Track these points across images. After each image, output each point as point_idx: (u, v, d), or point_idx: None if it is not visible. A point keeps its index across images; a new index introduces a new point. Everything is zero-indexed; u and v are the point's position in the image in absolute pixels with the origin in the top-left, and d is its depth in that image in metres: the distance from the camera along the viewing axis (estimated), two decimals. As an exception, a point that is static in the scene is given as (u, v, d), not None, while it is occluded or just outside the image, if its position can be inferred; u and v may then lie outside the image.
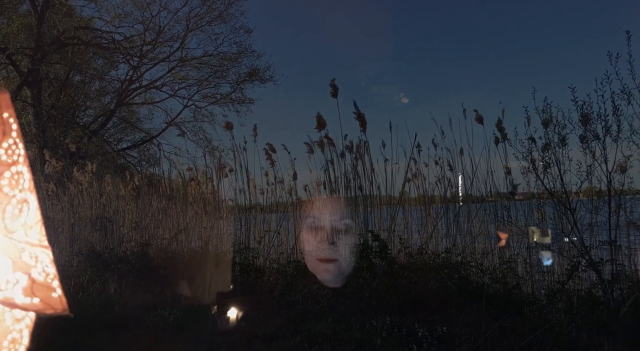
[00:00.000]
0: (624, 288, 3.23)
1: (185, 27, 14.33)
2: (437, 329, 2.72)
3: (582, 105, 3.71)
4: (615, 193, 3.75)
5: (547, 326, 2.68)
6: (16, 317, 0.63)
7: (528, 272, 4.58)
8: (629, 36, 3.34)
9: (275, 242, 6.05)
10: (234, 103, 15.57)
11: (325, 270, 1.34)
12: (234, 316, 3.12)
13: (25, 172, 0.62)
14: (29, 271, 0.60)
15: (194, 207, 7.03)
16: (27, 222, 0.62)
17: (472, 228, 5.44)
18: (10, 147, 0.61)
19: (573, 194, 4.13)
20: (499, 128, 4.82)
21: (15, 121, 0.62)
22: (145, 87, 15.48)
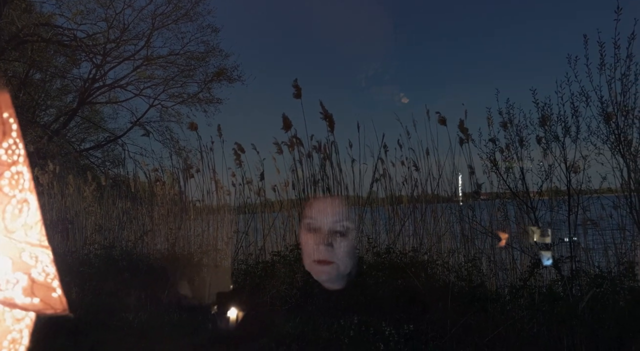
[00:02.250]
0: (582, 285, 3.35)
1: (151, 25, 14.07)
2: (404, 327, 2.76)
3: (543, 107, 3.83)
4: (574, 193, 3.88)
5: (509, 322, 2.75)
6: (16, 317, 0.63)
7: (492, 270, 4.69)
8: (586, 40, 3.46)
9: (243, 243, 6.01)
10: (202, 103, 15.38)
11: (322, 271, 1.36)
12: (234, 316, 3.11)
13: (25, 172, 0.62)
14: (29, 271, 0.60)
15: (160, 208, 6.92)
16: (27, 222, 0.62)
17: (439, 227, 5.53)
18: (10, 147, 0.61)
19: (534, 193, 4.26)
20: (462, 129, 4.92)
21: (15, 121, 0.61)
22: (109, 85, 15.11)
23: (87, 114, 16.25)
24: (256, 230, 6.25)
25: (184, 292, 4.37)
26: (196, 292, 4.45)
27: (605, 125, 3.49)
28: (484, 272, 4.57)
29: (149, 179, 7.33)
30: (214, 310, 3.66)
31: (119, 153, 16.18)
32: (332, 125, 5.17)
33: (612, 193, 4.09)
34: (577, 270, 3.55)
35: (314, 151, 5.67)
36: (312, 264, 1.51)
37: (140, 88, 15.25)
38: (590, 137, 3.65)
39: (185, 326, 3.90)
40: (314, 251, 1.49)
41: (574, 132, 3.72)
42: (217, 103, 15.44)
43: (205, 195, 6.46)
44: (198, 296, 4.33)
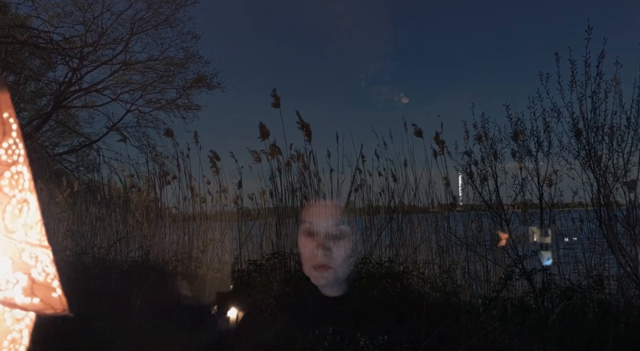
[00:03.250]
0: (553, 297, 3.42)
1: (130, 30, 13.95)
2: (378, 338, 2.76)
3: (516, 122, 3.92)
4: (546, 206, 3.97)
5: (482, 333, 2.78)
6: (16, 317, 0.62)
7: (466, 281, 4.74)
8: (558, 58, 3.56)
9: (219, 251, 5.96)
10: (180, 109, 15.26)
11: (319, 277, 1.36)
12: (234, 317, 3.09)
13: (25, 172, 0.62)
14: (29, 271, 0.60)
15: (135, 214, 6.81)
16: (27, 222, 0.61)
17: (415, 238, 5.58)
18: (10, 147, 0.60)
19: (508, 206, 4.33)
20: (437, 141, 4.99)
21: (15, 121, 0.62)
22: (86, 89, 14.89)
23: (61, 118, 15.96)
24: (232, 239, 6.21)
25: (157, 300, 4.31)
26: (170, 301, 4.39)
27: (576, 140, 3.59)
28: (458, 283, 4.62)
29: (124, 185, 7.22)
30: (213, 310, 3.66)
31: (93, 158, 15.92)
32: (309, 134, 5.19)
33: (583, 207, 4.18)
34: (549, 283, 3.62)
35: (292, 160, 5.68)
36: (309, 269, 1.51)
37: (118, 93, 15.08)
38: (562, 152, 3.75)
39: (157, 335, 3.84)
40: (311, 256, 1.49)
41: (546, 147, 3.81)
42: (195, 110, 15.36)
43: (181, 202, 6.39)
44: (172, 305, 4.27)
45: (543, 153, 3.88)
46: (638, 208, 3.53)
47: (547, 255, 3.34)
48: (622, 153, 3.46)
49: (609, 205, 3.52)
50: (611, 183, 3.48)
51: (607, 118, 3.49)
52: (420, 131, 5.39)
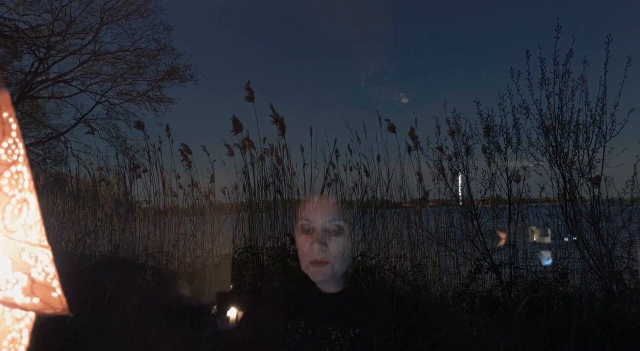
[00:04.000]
0: (520, 290, 3.50)
1: (100, 19, 13.59)
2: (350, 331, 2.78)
3: (487, 118, 3.99)
4: (514, 201, 4.05)
5: (452, 326, 2.83)
6: (16, 317, 0.62)
7: (437, 275, 4.82)
8: (528, 56, 3.64)
9: (191, 246, 5.90)
10: (152, 102, 14.97)
11: (317, 272, 1.37)
12: (234, 316, 3.07)
13: (25, 172, 0.62)
14: (29, 271, 0.60)
15: (105, 208, 6.68)
16: (27, 222, 0.62)
17: (387, 233, 5.63)
18: (10, 147, 0.61)
19: (478, 201, 4.41)
20: (412, 136, 5.04)
21: (15, 121, 0.62)
22: (53, 80, 14.46)
23: (28, 109, 15.47)
24: (205, 233, 6.15)
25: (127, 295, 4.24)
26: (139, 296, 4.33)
27: (544, 137, 3.67)
28: (429, 277, 4.69)
29: (93, 178, 7.07)
30: (213, 310, 3.65)
31: (61, 151, 15.50)
32: (283, 129, 5.17)
33: (550, 203, 4.29)
34: (516, 276, 3.71)
35: (266, 154, 5.65)
36: (307, 265, 1.50)
37: (87, 84, 14.69)
38: (531, 149, 3.83)
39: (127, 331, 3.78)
40: (309, 252, 1.48)
41: (516, 143, 3.89)
42: (168, 103, 15.09)
43: (152, 196, 6.30)
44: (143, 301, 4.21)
45: (512, 150, 3.97)
46: (603, 204, 3.65)
47: (547, 255, 3.41)
48: (587, 150, 3.56)
49: (575, 201, 3.62)
50: (577, 179, 3.58)
51: (573, 116, 3.59)
52: (393, 126, 5.43)
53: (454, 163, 4.45)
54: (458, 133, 4.29)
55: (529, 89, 3.69)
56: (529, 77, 3.66)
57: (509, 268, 3.77)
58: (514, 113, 3.85)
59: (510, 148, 3.95)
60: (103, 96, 14.77)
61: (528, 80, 3.66)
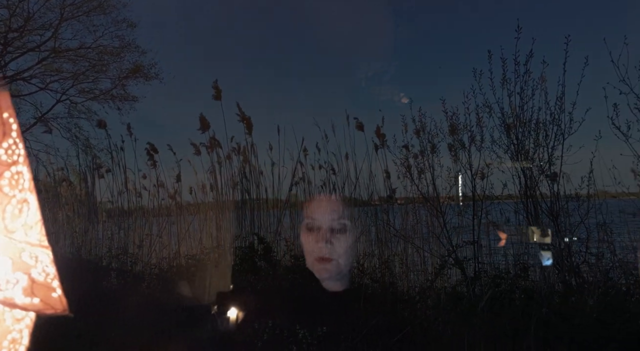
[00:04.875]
0: (484, 284, 3.58)
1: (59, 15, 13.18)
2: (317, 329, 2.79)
3: (452, 116, 4.06)
4: (478, 198, 4.14)
5: (417, 321, 2.87)
6: (16, 317, 0.63)
7: (404, 272, 4.87)
8: (490, 56, 3.72)
9: (157, 247, 5.79)
10: (115, 100, 14.63)
11: (322, 269, 1.38)
12: (234, 316, 3.03)
13: (25, 172, 0.63)
14: (29, 271, 0.60)
15: (66, 209, 6.49)
16: (27, 222, 0.62)
17: (355, 230, 5.65)
18: (10, 147, 0.61)
19: (443, 198, 4.49)
20: (378, 135, 5.08)
21: (15, 121, 0.62)
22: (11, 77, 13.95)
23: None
24: (171, 234, 6.05)
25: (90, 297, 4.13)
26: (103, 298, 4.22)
27: (506, 135, 3.76)
28: (396, 274, 4.74)
29: (54, 178, 6.86)
30: (214, 310, 3.59)
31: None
32: (250, 127, 5.14)
33: (512, 199, 4.40)
34: (480, 271, 3.79)
35: (233, 153, 5.60)
36: (312, 262, 1.50)
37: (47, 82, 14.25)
38: (493, 146, 3.92)
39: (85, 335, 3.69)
40: (313, 249, 1.48)
41: (479, 141, 3.97)
42: (132, 101, 14.77)
43: (116, 196, 6.15)
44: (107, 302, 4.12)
45: (476, 147, 4.05)
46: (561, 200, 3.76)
47: (547, 255, 3.47)
48: (547, 147, 3.67)
49: (535, 197, 3.73)
50: (537, 176, 3.69)
51: (533, 114, 3.69)
52: (361, 125, 5.46)
53: (420, 161, 4.51)
54: (423, 132, 4.36)
55: (491, 88, 3.78)
56: (490, 76, 3.75)
57: (473, 263, 3.85)
58: (477, 112, 3.94)
59: (474, 145, 4.03)
60: (64, 94, 14.35)
61: (490, 80, 3.74)
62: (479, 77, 3.75)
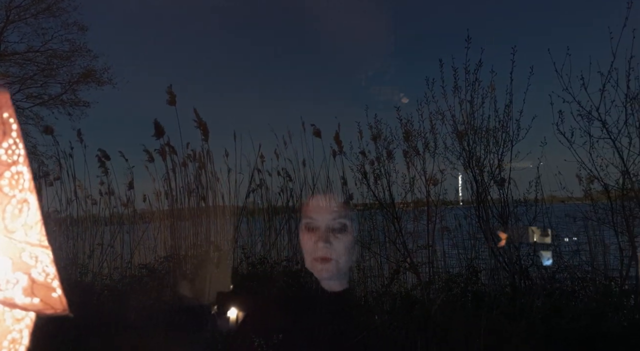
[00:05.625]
0: (438, 288, 3.65)
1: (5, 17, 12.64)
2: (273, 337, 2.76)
3: (406, 123, 4.14)
4: (432, 204, 4.23)
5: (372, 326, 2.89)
6: (16, 317, 0.63)
7: (361, 277, 4.91)
8: (442, 64, 3.82)
9: (109, 256, 5.61)
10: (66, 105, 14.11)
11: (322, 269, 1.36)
12: (234, 317, 2.98)
13: (25, 172, 0.62)
14: (29, 271, 0.60)
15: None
16: (27, 222, 0.62)
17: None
18: (10, 147, 0.61)
19: (399, 204, 4.55)
20: (337, 141, 5.11)
21: (15, 121, 0.62)
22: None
23: None
24: (124, 242, 5.87)
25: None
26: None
27: (458, 142, 3.86)
28: (354, 280, 4.76)
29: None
30: (214, 310, 3.50)
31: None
32: (206, 133, 5.06)
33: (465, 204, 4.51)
34: (434, 275, 3.86)
35: (188, 160, 5.50)
36: (312, 262, 1.45)
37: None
38: (446, 153, 4.02)
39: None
40: (313, 250, 1.44)
41: (433, 148, 4.06)
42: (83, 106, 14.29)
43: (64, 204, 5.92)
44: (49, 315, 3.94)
45: (430, 154, 4.14)
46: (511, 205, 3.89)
47: (547, 255, 3.53)
48: (496, 153, 3.79)
49: (486, 202, 3.83)
50: (487, 181, 3.80)
51: (483, 122, 3.80)
52: (319, 131, 5.47)
53: (376, 167, 4.57)
54: (379, 138, 4.41)
55: (443, 96, 3.87)
56: (442, 84, 3.85)
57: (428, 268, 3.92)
58: (430, 119, 4.02)
59: (427, 152, 4.12)
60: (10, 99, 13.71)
61: (442, 88, 3.84)
62: (432, 85, 3.85)
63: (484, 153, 3.78)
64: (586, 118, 3.43)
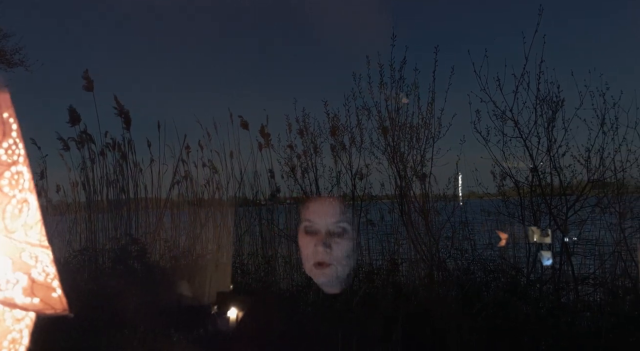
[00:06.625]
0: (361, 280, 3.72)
1: None
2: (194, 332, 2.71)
3: (333, 118, 4.18)
4: (357, 198, 4.30)
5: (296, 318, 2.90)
6: (16, 317, 0.63)
7: (287, 271, 4.92)
8: (369, 61, 3.89)
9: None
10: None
11: (321, 274, 1.29)
12: (234, 317, 2.83)
13: (25, 172, 0.63)
14: (29, 271, 0.60)
15: None
16: (27, 222, 0.62)
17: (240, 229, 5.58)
18: (10, 147, 0.61)
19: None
20: (263, 134, 5.06)
21: (15, 121, 0.62)
22: None
23: None
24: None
25: None
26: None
27: (383, 137, 3.95)
28: (280, 273, 4.76)
29: None
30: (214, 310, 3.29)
31: None
32: (128, 122, 4.83)
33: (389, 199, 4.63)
34: (358, 267, 3.93)
35: (107, 149, 5.23)
36: (311, 267, 1.39)
37: None
38: (372, 148, 4.10)
39: None
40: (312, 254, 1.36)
41: (359, 143, 4.13)
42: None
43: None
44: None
45: (356, 148, 4.20)
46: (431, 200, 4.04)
47: (547, 255, 3.58)
48: (419, 149, 3.91)
49: (408, 197, 3.96)
50: (410, 177, 3.92)
51: (407, 118, 3.92)
52: (246, 123, 5.38)
53: (303, 160, 4.58)
54: (307, 132, 4.43)
55: (369, 92, 3.94)
56: (369, 80, 3.91)
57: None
58: (357, 114, 4.09)
59: (354, 147, 4.18)
60: None
61: (369, 84, 3.90)
62: (359, 81, 3.90)
63: (408, 149, 3.90)
64: (500, 118, 3.62)
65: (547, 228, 3.57)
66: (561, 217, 3.55)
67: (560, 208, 3.56)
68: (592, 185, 3.57)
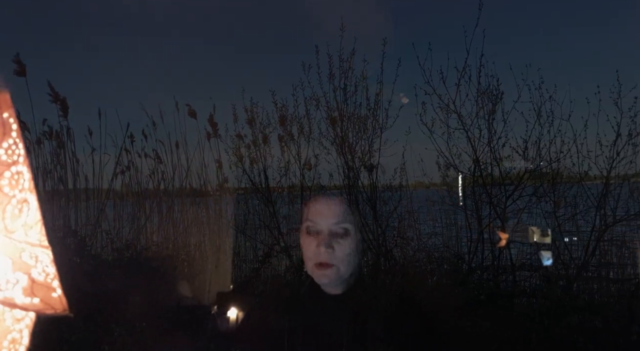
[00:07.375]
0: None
1: None
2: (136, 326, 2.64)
3: (282, 108, 4.16)
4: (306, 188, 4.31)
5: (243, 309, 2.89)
6: (16, 317, 0.63)
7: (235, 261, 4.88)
8: (317, 51, 3.89)
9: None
10: None
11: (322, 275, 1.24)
12: (234, 316, 2.76)
13: (25, 172, 0.63)
14: (29, 271, 0.60)
15: None
16: (27, 222, 0.62)
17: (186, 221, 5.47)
18: (10, 147, 0.61)
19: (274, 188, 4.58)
20: (211, 123, 4.97)
21: (15, 121, 0.61)
22: None
23: None
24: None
25: None
26: None
27: (332, 128, 3.97)
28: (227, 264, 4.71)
29: None
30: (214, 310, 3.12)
31: None
32: (65, 109, 4.61)
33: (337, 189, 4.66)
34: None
35: (44, 137, 4.97)
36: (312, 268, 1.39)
37: None
38: (321, 138, 4.11)
39: None
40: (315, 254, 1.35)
41: (307, 133, 4.13)
42: None
43: None
44: None
45: (305, 138, 4.20)
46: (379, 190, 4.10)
47: (547, 255, 3.59)
48: (367, 140, 3.96)
49: (356, 187, 4.01)
50: (358, 167, 3.97)
51: (356, 109, 3.96)
52: (194, 112, 5.24)
53: (252, 151, 4.53)
54: (255, 122, 4.38)
55: (318, 82, 3.95)
56: (318, 70, 3.92)
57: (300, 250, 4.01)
58: (305, 104, 4.08)
59: (302, 137, 4.18)
60: None
61: (318, 74, 3.91)
62: (308, 71, 3.90)
63: (356, 140, 3.94)
64: (445, 110, 3.73)
65: (487, 217, 3.71)
66: (500, 206, 3.69)
67: (500, 198, 3.71)
68: (529, 175, 3.73)
